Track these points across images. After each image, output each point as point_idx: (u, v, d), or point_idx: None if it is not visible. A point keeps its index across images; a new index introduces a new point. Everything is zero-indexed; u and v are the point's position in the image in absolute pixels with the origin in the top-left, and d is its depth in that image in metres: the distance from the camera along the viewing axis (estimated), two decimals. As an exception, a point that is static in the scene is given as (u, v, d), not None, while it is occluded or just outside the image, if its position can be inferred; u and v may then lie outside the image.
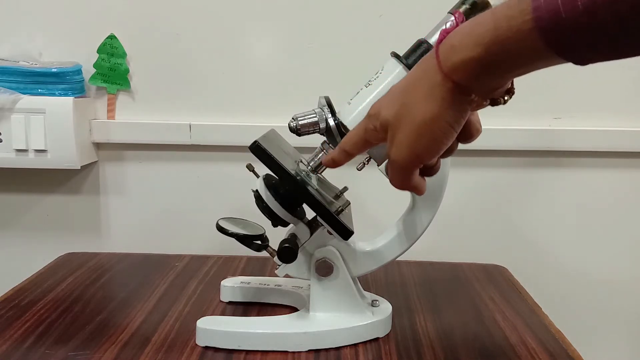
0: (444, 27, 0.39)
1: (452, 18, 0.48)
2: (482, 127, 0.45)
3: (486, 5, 0.50)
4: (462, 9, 0.50)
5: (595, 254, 0.92)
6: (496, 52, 0.34)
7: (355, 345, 0.59)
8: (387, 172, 0.45)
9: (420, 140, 0.41)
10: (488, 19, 0.34)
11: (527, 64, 0.35)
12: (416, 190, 0.46)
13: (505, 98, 0.40)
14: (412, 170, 0.44)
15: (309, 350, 0.57)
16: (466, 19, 0.49)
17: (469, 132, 0.44)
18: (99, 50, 0.85)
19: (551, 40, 0.31)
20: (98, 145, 0.90)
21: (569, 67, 0.78)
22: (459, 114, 0.39)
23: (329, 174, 0.61)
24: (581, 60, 0.33)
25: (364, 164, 0.56)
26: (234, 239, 0.59)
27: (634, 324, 0.94)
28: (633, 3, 0.28)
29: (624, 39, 0.30)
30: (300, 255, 0.58)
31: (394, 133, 0.42)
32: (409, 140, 0.41)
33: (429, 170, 0.47)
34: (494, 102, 0.40)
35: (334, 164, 0.50)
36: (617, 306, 0.93)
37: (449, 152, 0.45)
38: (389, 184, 0.55)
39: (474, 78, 0.37)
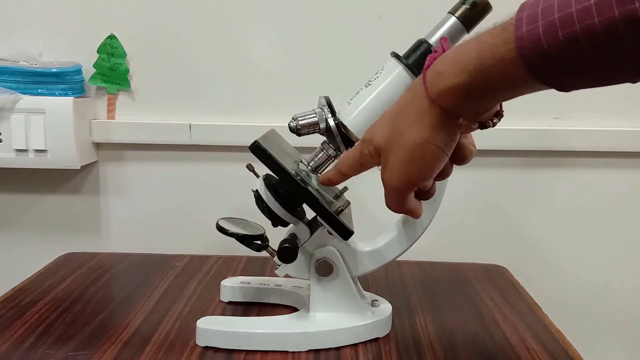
0: (431, 53, 0.40)
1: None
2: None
3: (486, 6, 0.50)
4: (462, 9, 0.50)
5: (595, 254, 0.92)
6: (480, 79, 0.35)
7: (355, 345, 0.59)
8: (385, 200, 0.47)
9: (412, 164, 0.42)
10: (472, 47, 0.35)
11: (510, 90, 0.36)
12: (411, 214, 0.47)
13: (494, 121, 0.42)
14: (406, 194, 0.45)
15: (309, 350, 0.57)
16: (466, 20, 0.50)
17: (462, 155, 0.45)
18: (99, 50, 0.85)
19: (534, 68, 0.32)
20: (98, 145, 0.90)
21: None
22: (448, 138, 0.40)
23: (329, 174, 0.61)
24: (564, 88, 0.35)
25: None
26: (234, 239, 0.59)
27: (633, 323, 0.94)
28: (612, 34, 0.28)
29: (605, 68, 0.31)
30: (300, 255, 0.58)
31: (387, 158, 0.43)
32: (401, 164, 0.42)
33: (424, 194, 0.48)
34: (483, 126, 0.41)
35: (330, 182, 0.53)
36: (617, 306, 0.93)
37: (443, 175, 0.46)
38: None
39: (460, 103, 0.38)
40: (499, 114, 0.42)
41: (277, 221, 0.58)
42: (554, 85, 0.34)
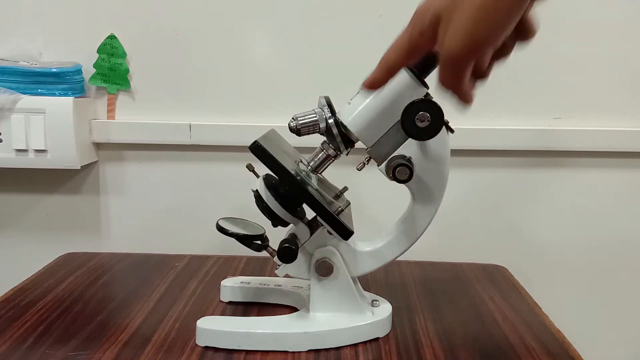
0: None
1: None
2: (483, 126, 0.45)
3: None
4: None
5: (595, 254, 0.91)
6: None
7: (355, 345, 0.59)
8: (438, 71, 0.41)
9: (481, 23, 0.37)
10: None
11: None
12: (465, 96, 0.42)
13: None
14: (469, 63, 0.40)
15: (309, 350, 0.57)
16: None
17: (527, 29, 0.41)
18: (99, 50, 0.85)
19: None
20: (98, 145, 0.90)
21: (568, 67, 0.78)
22: None
23: (329, 174, 0.61)
24: None
25: (364, 164, 0.56)
26: (234, 239, 0.59)
27: (634, 323, 0.94)
28: None
29: None
30: (300, 255, 0.58)
31: (449, 21, 0.38)
32: (468, 24, 0.37)
33: (481, 72, 0.44)
34: None
35: (377, 82, 0.47)
36: (618, 306, 0.93)
37: (505, 51, 0.42)
38: (389, 183, 0.55)
39: None
40: None
41: (277, 221, 0.58)
42: None
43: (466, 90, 0.42)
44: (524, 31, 0.41)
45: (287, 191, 0.57)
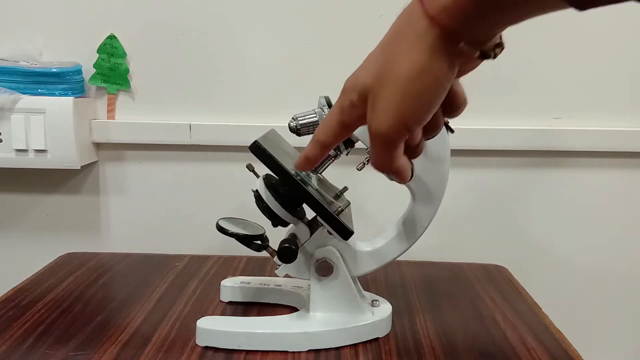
0: None
1: None
2: (483, 126, 0.44)
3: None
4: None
5: (595, 254, 0.92)
6: None
7: (355, 345, 0.59)
8: (370, 152, 0.40)
9: (406, 100, 0.36)
10: None
11: (523, 5, 0.32)
12: (400, 173, 0.41)
13: (496, 51, 0.36)
14: (398, 143, 0.38)
15: (309, 350, 0.57)
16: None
17: (455, 104, 0.40)
18: (99, 50, 0.85)
19: None
20: (98, 145, 0.90)
21: (569, 67, 0.78)
22: (447, 66, 0.35)
23: (329, 174, 0.61)
24: (581, 5, 0.31)
25: (364, 164, 0.56)
26: (234, 239, 0.59)
27: (634, 324, 0.94)
28: None
29: None
30: (300, 255, 0.58)
31: (375, 97, 0.37)
32: (394, 102, 0.36)
33: (413, 150, 0.42)
34: (484, 55, 0.35)
35: (309, 162, 0.44)
36: (617, 306, 0.93)
37: (433, 128, 0.41)
38: (389, 183, 0.55)
39: (464, 21, 0.33)
40: (501, 45, 0.37)
41: (277, 221, 0.58)
42: (572, 1, 0.30)
43: (400, 167, 0.40)
44: (451, 105, 0.39)
45: (287, 191, 0.57)
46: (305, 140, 0.57)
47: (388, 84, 0.36)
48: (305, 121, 0.54)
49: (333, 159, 0.57)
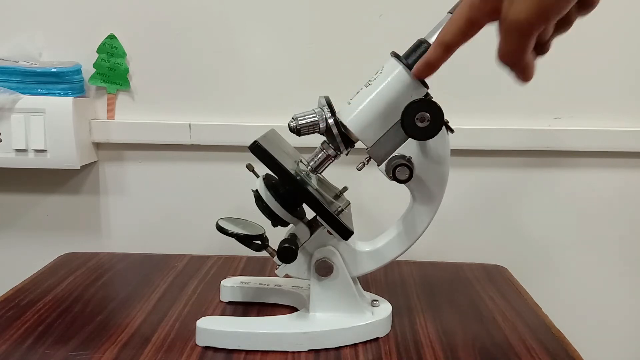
0: None
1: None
2: (483, 126, 0.44)
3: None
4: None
5: (595, 253, 0.92)
6: None
7: (355, 345, 0.59)
8: (499, 44, 0.40)
9: None
10: None
11: None
12: (526, 70, 0.41)
13: None
14: (534, 34, 0.38)
15: (309, 350, 0.57)
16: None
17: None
18: (99, 50, 0.85)
19: None
20: (98, 145, 0.90)
21: (569, 67, 0.79)
22: None
23: (329, 174, 0.61)
24: None
25: (364, 164, 0.56)
26: (234, 239, 0.59)
27: (633, 324, 0.94)
28: None
29: None
30: (300, 255, 0.58)
31: None
32: None
33: (542, 46, 0.43)
34: None
35: (430, 67, 0.44)
36: (617, 306, 0.93)
37: (567, 23, 0.42)
38: (389, 183, 0.55)
39: None
40: None
41: (277, 221, 0.58)
42: None
43: (528, 63, 0.40)
44: (586, 1, 0.40)
45: (287, 191, 0.57)
46: (306, 140, 0.57)
47: None
48: (305, 121, 0.54)
49: (333, 158, 0.57)
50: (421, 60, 0.44)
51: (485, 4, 0.39)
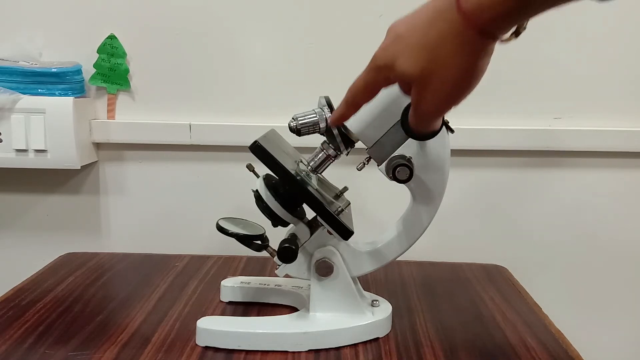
0: None
1: None
2: (483, 126, 0.45)
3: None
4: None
5: (594, 254, 0.91)
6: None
7: (355, 345, 0.59)
8: (409, 120, 0.46)
9: (456, 92, 0.41)
10: None
11: (554, 3, 0.36)
12: (437, 128, 0.47)
13: (525, 26, 0.41)
14: (443, 115, 0.44)
15: (309, 350, 0.58)
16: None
17: None
18: (99, 50, 0.85)
19: None
20: (98, 145, 0.90)
21: (569, 67, 0.78)
22: (489, 57, 0.40)
23: (329, 174, 0.61)
24: None
25: (364, 164, 0.56)
26: (234, 239, 0.59)
27: (634, 324, 0.94)
28: None
29: None
30: (300, 255, 0.58)
31: (424, 88, 0.42)
32: (444, 94, 0.41)
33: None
34: (517, 34, 0.41)
35: (342, 119, 0.49)
36: (618, 306, 0.93)
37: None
38: (389, 183, 0.55)
39: (505, 26, 0.37)
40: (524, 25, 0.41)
41: (277, 221, 0.58)
42: None
43: (435, 126, 0.47)
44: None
45: (287, 191, 0.57)
46: (306, 140, 0.57)
47: (437, 80, 0.41)
48: (305, 121, 0.55)
49: (333, 159, 0.57)
50: (335, 113, 0.49)
51: (385, 82, 0.44)
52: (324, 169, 0.58)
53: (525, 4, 0.35)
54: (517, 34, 0.40)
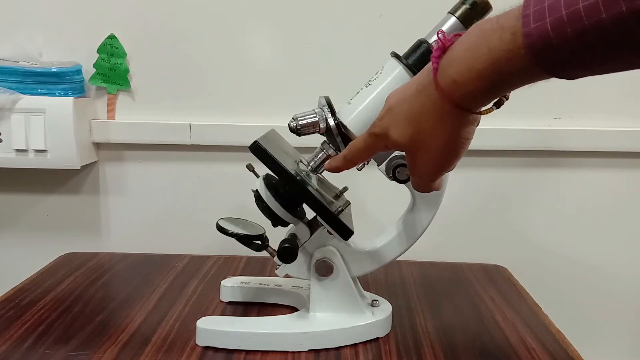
0: (434, 47, 0.41)
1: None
2: (483, 126, 0.45)
3: (486, 6, 0.50)
4: (462, 9, 0.50)
5: (595, 254, 0.91)
6: (497, 80, 0.37)
7: (355, 345, 0.59)
8: (413, 185, 0.49)
9: (444, 159, 0.45)
10: (484, 55, 0.37)
11: (524, 83, 0.38)
12: (438, 188, 0.50)
13: (507, 96, 0.42)
14: (437, 180, 0.48)
15: (309, 350, 0.58)
16: (466, 20, 0.50)
17: None
18: (99, 50, 0.85)
19: (545, 64, 0.35)
20: (98, 145, 0.90)
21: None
22: (472, 127, 0.43)
23: (329, 174, 0.61)
24: (572, 77, 0.36)
25: (364, 164, 0.56)
26: (234, 239, 0.59)
27: (634, 323, 0.94)
28: (620, 28, 0.30)
29: (613, 60, 0.33)
30: (300, 255, 0.58)
31: (414, 154, 0.45)
32: (433, 160, 0.45)
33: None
34: (499, 105, 0.42)
35: (337, 170, 0.52)
36: (617, 306, 0.93)
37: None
38: (389, 183, 0.55)
39: (480, 102, 0.40)
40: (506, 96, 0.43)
41: (277, 221, 0.58)
42: (564, 76, 0.36)
43: (438, 186, 0.49)
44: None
45: (287, 191, 0.57)
46: (306, 140, 0.57)
47: (426, 151, 0.44)
48: (305, 121, 0.54)
49: (333, 159, 0.57)
50: (332, 162, 0.52)
51: (375, 139, 0.47)
52: (324, 169, 0.58)
53: (497, 84, 0.38)
54: (498, 104, 0.42)
